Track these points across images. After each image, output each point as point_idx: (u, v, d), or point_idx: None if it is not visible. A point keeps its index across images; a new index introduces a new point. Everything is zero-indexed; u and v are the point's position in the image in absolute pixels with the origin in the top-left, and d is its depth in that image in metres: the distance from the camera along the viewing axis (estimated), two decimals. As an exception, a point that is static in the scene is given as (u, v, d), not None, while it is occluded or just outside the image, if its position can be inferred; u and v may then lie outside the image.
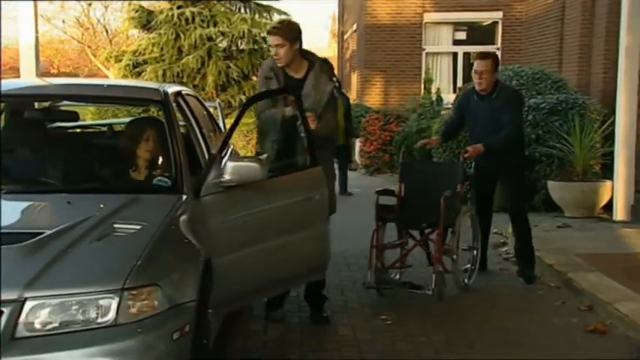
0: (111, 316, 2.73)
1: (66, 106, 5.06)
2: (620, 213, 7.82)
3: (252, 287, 4.04)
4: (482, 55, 5.71)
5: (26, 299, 2.67)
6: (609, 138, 8.14)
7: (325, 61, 4.85)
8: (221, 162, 3.85)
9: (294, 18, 24.42)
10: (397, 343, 4.34)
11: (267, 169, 3.85)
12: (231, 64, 15.96)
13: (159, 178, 3.84)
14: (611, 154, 8.01)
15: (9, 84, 4.83)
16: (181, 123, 4.21)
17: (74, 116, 4.89)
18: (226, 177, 3.78)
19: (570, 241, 6.71)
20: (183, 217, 3.51)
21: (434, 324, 4.67)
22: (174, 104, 4.16)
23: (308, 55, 4.66)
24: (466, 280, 5.46)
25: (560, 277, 5.64)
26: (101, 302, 2.73)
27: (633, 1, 7.70)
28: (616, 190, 7.88)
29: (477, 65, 5.58)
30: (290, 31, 4.49)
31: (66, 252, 2.90)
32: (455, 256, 5.25)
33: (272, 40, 4.53)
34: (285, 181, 4.26)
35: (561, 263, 5.88)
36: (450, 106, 11.64)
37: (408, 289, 5.14)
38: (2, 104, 4.43)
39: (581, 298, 5.20)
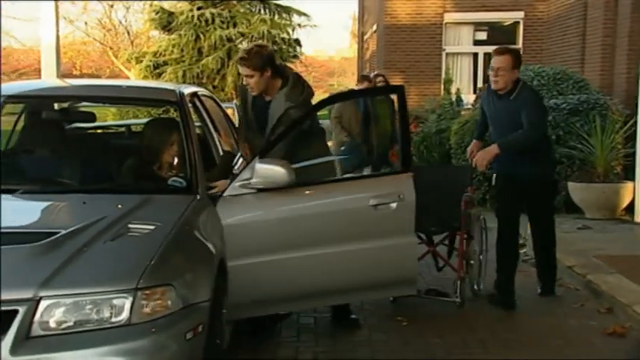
0: (124, 315, 2.74)
1: (84, 107, 5.12)
2: (641, 215, 7.74)
3: (279, 295, 3.90)
4: (500, 51, 4.99)
5: (41, 298, 2.69)
6: (631, 139, 8.04)
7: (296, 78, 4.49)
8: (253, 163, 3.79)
9: (315, 19, 24.44)
10: (411, 344, 4.32)
11: (293, 174, 3.73)
12: (250, 65, 16.00)
13: (173, 178, 3.85)
14: (633, 155, 7.92)
15: (28, 85, 4.91)
16: (197, 124, 4.22)
17: (91, 117, 4.94)
18: (253, 179, 3.73)
19: (590, 243, 6.64)
20: (198, 218, 3.53)
21: (449, 326, 4.65)
22: (190, 105, 4.18)
23: (284, 72, 4.34)
24: (477, 281, 5.40)
25: (580, 279, 5.58)
26: (115, 302, 2.74)
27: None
28: (637, 192, 7.78)
29: (494, 61, 4.92)
30: (258, 59, 4.17)
31: (81, 252, 2.91)
32: (472, 261, 5.21)
33: (241, 70, 4.28)
34: (339, 186, 4.13)
35: (581, 265, 5.82)
36: (469, 106, 11.58)
37: (434, 297, 5.08)
38: (21, 105, 4.50)
39: (600, 300, 5.13)
